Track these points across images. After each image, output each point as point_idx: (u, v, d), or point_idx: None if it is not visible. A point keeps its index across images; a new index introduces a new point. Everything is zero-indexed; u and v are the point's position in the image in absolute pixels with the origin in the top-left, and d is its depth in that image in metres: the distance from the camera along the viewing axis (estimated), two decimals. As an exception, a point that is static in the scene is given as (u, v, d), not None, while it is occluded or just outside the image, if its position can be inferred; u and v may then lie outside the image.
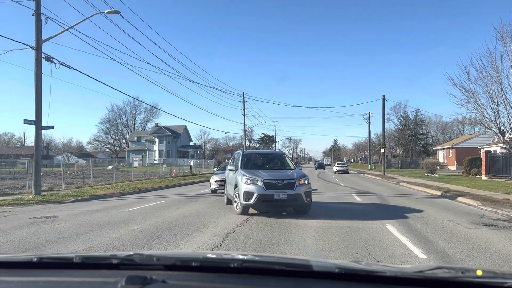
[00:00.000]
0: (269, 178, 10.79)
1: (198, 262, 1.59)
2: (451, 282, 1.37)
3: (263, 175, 10.92)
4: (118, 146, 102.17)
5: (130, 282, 1.36)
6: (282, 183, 10.69)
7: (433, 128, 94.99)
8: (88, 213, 12.23)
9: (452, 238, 7.88)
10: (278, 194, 10.50)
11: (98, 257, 1.76)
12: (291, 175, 11.30)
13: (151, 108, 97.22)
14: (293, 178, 10.93)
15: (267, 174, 11.12)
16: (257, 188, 10.55)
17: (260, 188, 10.54)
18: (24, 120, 18.25)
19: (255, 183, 10.68)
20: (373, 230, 8.61)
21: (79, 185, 25.91)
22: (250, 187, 10.65)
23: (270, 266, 1.57)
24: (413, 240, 7.58)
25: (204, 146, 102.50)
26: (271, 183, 10.64)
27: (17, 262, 1.81)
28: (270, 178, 10.77)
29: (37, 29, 18.09)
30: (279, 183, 10.68)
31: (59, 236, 8.22)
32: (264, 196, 10.49)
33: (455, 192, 17.72)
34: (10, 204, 15.45)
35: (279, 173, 11.43)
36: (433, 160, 46.31)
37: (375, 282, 1.42)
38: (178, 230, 8.79)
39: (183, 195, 19.02)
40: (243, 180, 10.87)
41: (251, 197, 10.55)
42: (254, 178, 10.80)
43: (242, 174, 11.15)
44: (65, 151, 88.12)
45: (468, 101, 17.57)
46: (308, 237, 7.98)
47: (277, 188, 10.59)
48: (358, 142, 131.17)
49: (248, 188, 10.64)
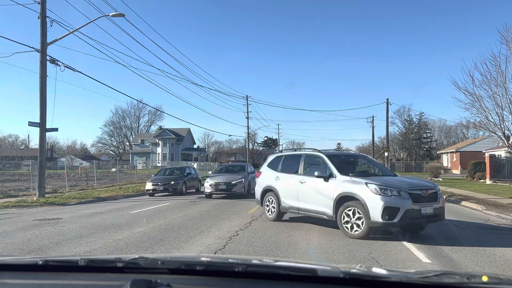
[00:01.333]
0: (412, 187, 8.28)
1: (202, 266, 1.60)
2: None
3: (401, 183, 8.45)
4: (122, 149, 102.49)
5: (135, 285, 1.36)
6: (427, 194, 8.31)
7: (437, 132, 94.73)
8: (92, 215, 12.26)
9: (456, 243, 7.84)
10: (425, 208, 8.07)
11: (103, 261, 1.77)
12: (425, 183, 9.18)
13: (155, 111, 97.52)
14: (432, 187, 8.64)
15: (400, 181, 8.78)
16: (403, 202, 7.87)
17: (406, 202, 7.88)
18: (29, 122, 18.34)
19: (397, 193, 7.98)
20: (376, 234, 8.58)
21: (83, 187, 26.02)
22: (392, 200, 7.88)
23: (275, 270, 1.58)
24: (417, 245, 7.55)
25: (207, 149, 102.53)
26: (416, 194, 8.11)
27: (22, 265, 1.81)
28: (413, 187, 8.26)
29: (42, 32, 18.21)
30: (424, 194, 8.25)
31: (62, 238, 8.25)
32: (412, 212, 7.88)
33: (459, 196, 17.64)
34: (14, 206, 15.52)
35: (409, 180, 9.13)
36: (437, 164, 46.17)
37: (380, 287, 1.41)
38: (181, 233, 8.80)
39: (186, 198, 19.04)
40: (372, 189, 8.06)
41: (395, 214, 7.79)
42: (393, 187, 8.11)
43: (365, 182, 8.30)
44: (69, 153, 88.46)
45: (472, 105, 17.51)
46: (312, 240, 7.97)
47: (423, 201, 8.14)
48: (361, 145, 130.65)
49: (390, 202, 7.84)
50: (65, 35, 18.99)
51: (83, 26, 19.12)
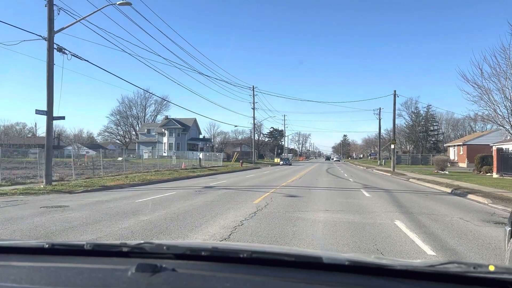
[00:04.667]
0: None
1: (207, 251, 1.59)
2: (463, 277, 1.35)
3: None
4: (128, 138, 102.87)
5: (141, 269, 1.38)
6: None
7: (444, 125, 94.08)
8: (98, 203, 12.35)
9: (462, 236, 7.81)
10: None
11: (108, 245, 1.78)
12: None
13: (161, 101, 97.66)
14: None
15: None
16: None
17: None
18: (36, 110, 18.42)
19: None
20: (381, 226, 8.57)
21: (89, 175, 26.17)
22: None
23: (280, 257, 1.57)
24: (422, 237, 7.53)
25: (213, 139, 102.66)
26: None
27: (28, 248, 1.82)
28: None
29: (50, 20, 18.20)
30: None
31: (69, 226, 8.31)
32: None
33: (466, 190, 17.56)
34: (22, 193, 15.65)
35: None
36: (443, 157, 45.90)
37: (385, 275, 1.41)
38: (186, 222, 8.84)
39: (192, 187, 19.11)
40: None
41: None
42: None
43: None
44: (75, 142, 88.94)
45: (481, 98, 17.38)
46: (316, 231, 7.97)
47: None
48: (368, 137, 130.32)
49: None
50: (72, 24, 18.97)
51: (90, 14, 19.10)
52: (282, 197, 14.38)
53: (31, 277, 1.45)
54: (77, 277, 1.43)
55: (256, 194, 15.50)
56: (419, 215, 10.42)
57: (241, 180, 25.64)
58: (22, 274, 1.47)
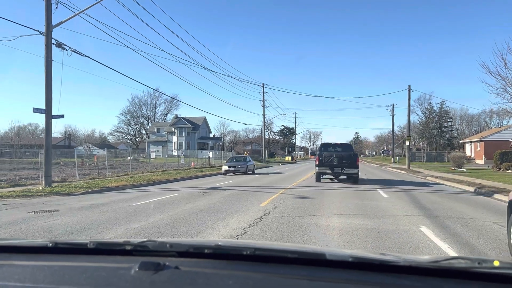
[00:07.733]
0: None
1: (210, 249, 1.59)
2: (468, 273, 1.33)
3: None
4: (138, 137, 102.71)
5: (144, 267, 1.37)
6: None
7: (458, 121, 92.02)
8: (92, 207, 11.41)
9: (502, 245, 6.66)
10: None
11: (111, 244, 1.75)
12: None
13: (171, 100, 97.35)
14: None
15: None
16: None
17: None
18: (33, 108, 17.62)
19: None
20: (406, 234, 7.44)
21: (94, 176, 25.44)
22: None
23: (283, 254, 1.56)
24: (456, 247, 6.39)
25: (223, 138, 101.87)
26: None
27: (32, 247, 1.82)
28: None
29: (47, 14, 17.42)
30: None
31: (49, 235, 7.37)
32: None
33: (490, 188, 16.28)
34: (18, 195, 14.91)
35: None
36: (460, 154, 44.27)
37: (389, 271, 1.39)
38: (182, 230, 7.81)
39: (197, 188, 18.13)
40: None
41: None
42: None
43: None
44: (86, 142, 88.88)
45: (504, 90, 16.10)
46: (331, 241, 6.87)
47: None
48: (380, 134, 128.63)
49: None
50: (71, 17, 18.13)
51: (90, 6, 18.25)
52: (291, 198, 13.28)
53: (35, 276, 1.43)
54: (80, 275, 1.42)
55: (264, 195, 14.43)
56: (446, 219, 9.26)
57: (249, 179, 24.61)
58: (25, 273, 1.46)
